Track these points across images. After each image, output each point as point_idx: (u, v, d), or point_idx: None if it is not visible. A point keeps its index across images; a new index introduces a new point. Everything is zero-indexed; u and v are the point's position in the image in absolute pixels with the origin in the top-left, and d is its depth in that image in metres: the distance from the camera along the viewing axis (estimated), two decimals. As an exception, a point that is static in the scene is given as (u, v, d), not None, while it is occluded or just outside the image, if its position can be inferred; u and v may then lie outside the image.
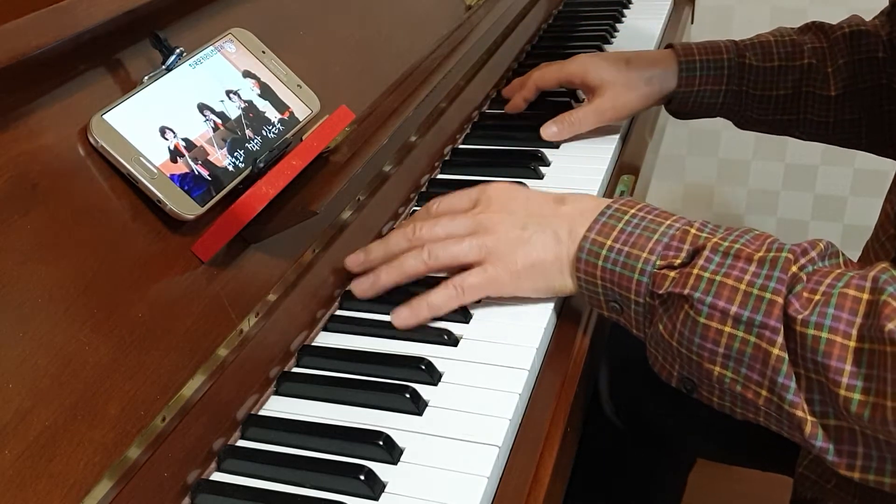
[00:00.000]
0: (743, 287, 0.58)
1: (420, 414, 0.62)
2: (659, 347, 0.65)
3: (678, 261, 0.63)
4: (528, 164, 0.93)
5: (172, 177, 0.62)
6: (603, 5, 1.41)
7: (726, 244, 0.61)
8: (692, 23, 1.50)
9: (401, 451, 0.59)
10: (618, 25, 1.33)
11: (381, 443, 0.58)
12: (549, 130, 0.98)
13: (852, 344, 0.54)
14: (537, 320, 0.70)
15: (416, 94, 0.85)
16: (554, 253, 0.69)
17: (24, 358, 0.51)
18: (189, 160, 0.64)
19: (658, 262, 0.63)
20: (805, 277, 0.58)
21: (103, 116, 0.60)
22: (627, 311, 0.66)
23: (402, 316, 0.70)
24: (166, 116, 0.64)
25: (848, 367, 0.54)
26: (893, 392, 0.53)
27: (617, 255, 0.65)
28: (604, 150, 0.97)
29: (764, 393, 0.59)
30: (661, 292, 0.62)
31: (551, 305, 0.72)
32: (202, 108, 0.67)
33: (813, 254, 0.60)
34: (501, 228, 0.71)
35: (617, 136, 1.00)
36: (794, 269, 0.58)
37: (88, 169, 0.59)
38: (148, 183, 0.60)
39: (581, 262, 0.67)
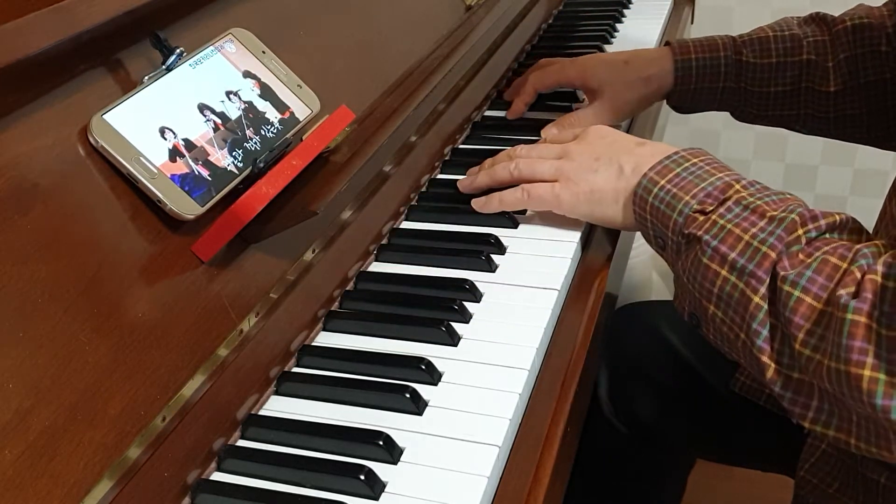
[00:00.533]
0: (746, 237, 0.63)
1: (420, 414, 0.62)
2: (679, 283, 0.71)
3: (710, 208, 0.67)
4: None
5: (173, 177, 0.62)
6: (603, 5, 1.41)
7: (750, 199, 0.66)
8: (692, 23, 1.50)
9: (401, 451, 0.59)
10: (618, 25, 1.33)
11: (381, 443, 0.58)
12: (550, 133, 0.98)
13: (819, 306, 0.58)
14: (537, 320, 0.70)
15: (416, 94, 0.85)
16: (613, 184, 0.76)
17: (24, 358, 0.51)
18: (189, 160, 0.64)
19: (695, 206, 0.68)
20: (805, 241, 0.62)
21: (103, 116, 0.60)
22: (667, 248, 0.72)
23: (479, 203, 0.83)
24: (166, 116, 0.64)
25: (807, 325, 0.59)
26: (832, 351, 0.57)
27: (665, 195, 0.71)
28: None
29: (742, 336, 0.63)
30: (686, 231, 0.68)
31: (551, 306, 0.72)
32: (202, 108, 0.67)
33: (822, 222, 0.63)
34: (579, 157, 0.80)
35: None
36: (799, 231, 0.62)
37: (88, 169, 0.59)
38: (148, 183, 0.60)
39: (636, 196, 0.73)
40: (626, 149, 0.78)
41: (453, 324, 0.70)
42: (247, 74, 0.71)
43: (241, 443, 0.62)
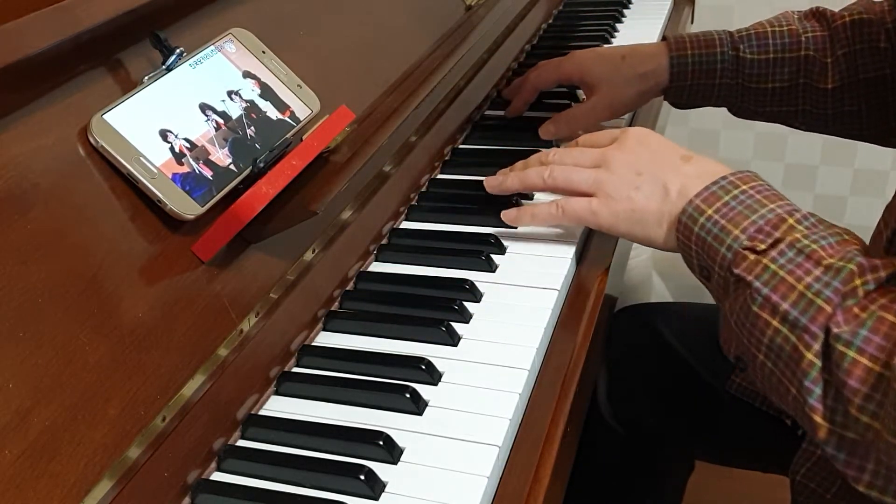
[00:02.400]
0: (800, 287, 0.59)
1: (420, 414, 0.62)
2: (726, 323, 0.67)
3: (762, 246, 0.63)
4: (528, 164, 0.93)
5: (174, 177, 0.62)
6: (603, 5, 1.41)
7: (805, 242, 0.62)
8: (692, 23, 1.50)
9: (401, 451, 0.59)
10: (618, 25, 1.33)
11: (381, 443, 0.58)
12: (547, 130, 0.98)
13: (877, 368, 0.54)
14: (537, 320, 0.70)
15: (416, 94, 0.85)
16: (658, 205, 0.72)
17: (24, 358, 0.51)
18: (190, 160, 0.64)
19: (745, 242, 0.64)
20: (862, 293, 0.58)
21: (103, 116, 0.60)
22: (713, 280, 0.68)
23: (509, 216, 0.80)
24: (166, 116, 0.64)
25: (864, 390, 0.55)
26: (891, 427, 0.53)
27: (712, 226, 0.66)
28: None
29: (793, 391, 0.60)
30: (736, 272, 0.64)
31: (551, 306, 0.72)
32: (203, 108, 0.67)
33: (882, 273, 0.58)
34: (619, 169, 0.74)
35: (617, 136, 1.00)
36: (856, 282, 0.58)
37: (89, 169, 0.59)
38: (148, 183, 0.60)
39: (681, 223, 0.69)
40: (671, 165, 0.73)
41: (453, 324, 0.70)
42: (247, 74, 0.71)
43: (241, 443, 0.62)
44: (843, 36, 0.94)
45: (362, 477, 0.56)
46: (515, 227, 0.82)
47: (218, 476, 0.59)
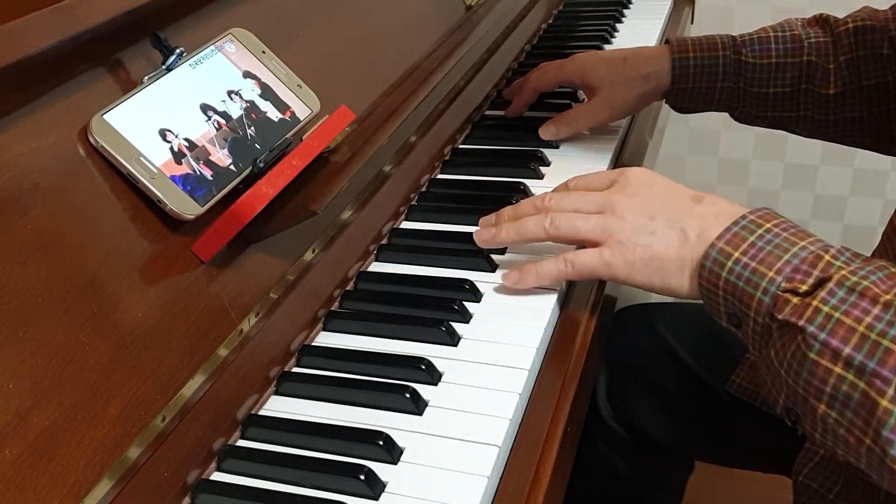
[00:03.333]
0: (861, 329, 0.55)
1: (420, 414, 0.62)
2: (769, 372, 0.62)
3: (804, 287, 0.59)
4: (528, 164, 0.93)
5: (174, 177, 0.62)
6: (603, 5, 1.41)
7: (854, 279, 0.57)
8: (692, 23, 1.50)
9: (401, 451, 0.59)
10: (618, 25, 1.33)
11: (381, 443, 0.58)
12: (547, 130, 0.98)
13: None
14: (537, 320, 0.70)
15: (416, 94, 0.85)
16: (677, 251, 0.67)
17: (24, 358, 0.51)
18: (191, 160, 0.64)
19: (783, 285, 0.60)
20: None
21: (103, 116, 0.60)
22: (745, 328, 0.63)
23: (512, 278, 0.73)
24: (166, 116, 0.64)
25: None
26: None
27: (742, 270, 0.62)
28: (604, 151, 0.97)
29: (867, 441, 0.55)
30: (780, 317, 0.59)
31: (551, 306, 0.72)
32: (204, 108, 0.67)
33: None
34: (629, 214, 0.69)
35: (616, 137, 1.00)
36: None
37: (88, 169, 0.59)
38: (148, 183, 0.60)
39: (705, 269, 0.64)
40: (684, 207, 0.68)
41: (453, 324, 0.70)
42: (247, 74, 0.71)
43: (241, 443, 0.62)
44: (845, 42, 0.94)
45: (362, 477, 0.56)
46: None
47: (218, 476, 0.59)
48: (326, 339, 0.71)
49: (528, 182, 0.89)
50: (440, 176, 0.94)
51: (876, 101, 0.94)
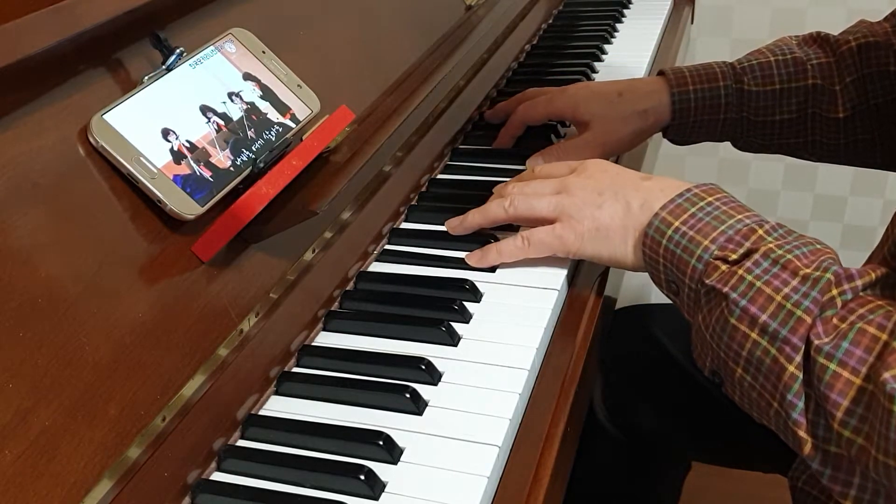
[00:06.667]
0: (778, 298, 0.59)
1: (420, 414, 0.62)
2: (698, 336, 0.66)
3: (733, 256, 0.63)
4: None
5: (175, 178, 0.62)
6: (603, 5, 1.41)
7: (780, 252, 0.61)
8: (692, 23, 1.50)
9: (401, 451, 0.59)
10: (618, 25, 1.33)
11: (381, 443, 0.58)
12: (535, 162, 0.93)
13: (858, 381, 0.54)
14: (537, 320, 0.70)
15: (416, 94, 0.85)
16: (621, 221, 0.71)
17: (24, 358, 0.51)
18: (191, 161, 0.64)
19: (716, 252, 0.63)
20: (840, 303, 0.57)
21: (103, 116, 0.60)
22: (682, 294, 0.67)
23: (475, 257, 0.77)
24: (166, 116, 0.64)
25: (845, 403, 0.54)
26: (879, 443, 0.52)
27: (680, 238, 0.66)
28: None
29: (775, 405, 0.59)
30: (708, 282, 0.63)
31: (551, 306, 0.72)
32: (204, 108, 0.67)
33: (858, 282, 0.58)
34: (580, 192, 0.73)
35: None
36: (833, 291, 0.58)
37: (88, 169, 0.59)
38: (148, 183, 0.60)
39: (647, 237, 0.68)
40: (631, 183, 0.72)
41: (453, 324, 0.70)
42: (247, 75, 0.71)
43: (241, 443, 0.62)
44: (850, 62, 0.91)
45: (362, 477, 0.56)
46: (515, 228, 0.82)
47: (218, 476, 0.59)
48: (326, 339, 0.71)
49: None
50: (440, 176, 0.94)
51: (886, 119, 0.91)
